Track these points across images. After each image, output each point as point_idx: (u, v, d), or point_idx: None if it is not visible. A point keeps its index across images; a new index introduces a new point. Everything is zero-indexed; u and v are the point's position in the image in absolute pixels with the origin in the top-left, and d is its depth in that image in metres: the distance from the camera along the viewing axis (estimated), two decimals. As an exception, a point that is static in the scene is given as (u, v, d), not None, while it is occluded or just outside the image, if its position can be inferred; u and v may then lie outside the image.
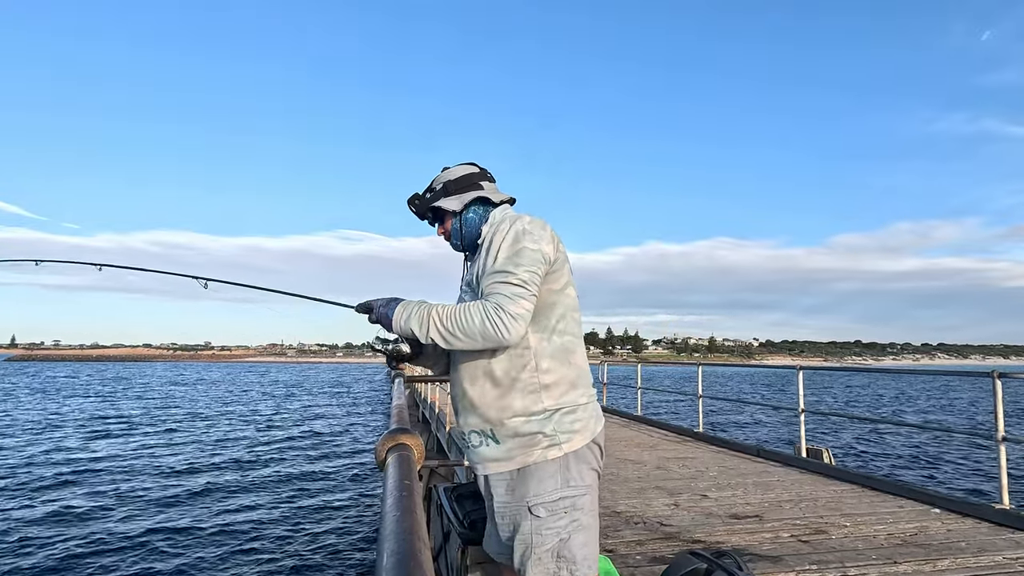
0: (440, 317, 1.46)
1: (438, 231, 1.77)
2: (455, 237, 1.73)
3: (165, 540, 8.37)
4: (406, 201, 1.78)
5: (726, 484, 4.94)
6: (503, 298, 1.43)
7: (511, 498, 1.53)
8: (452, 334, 1.44)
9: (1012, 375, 4.34)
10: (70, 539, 8.36)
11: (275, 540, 8.47)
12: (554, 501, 1.47)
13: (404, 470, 0.95)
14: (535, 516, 1.48)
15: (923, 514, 4.02)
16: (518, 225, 1.54)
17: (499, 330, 1.41)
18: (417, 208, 1.76)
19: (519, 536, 1.50)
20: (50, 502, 10.32)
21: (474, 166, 1.77)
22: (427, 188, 1.77)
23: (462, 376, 1.59)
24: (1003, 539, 3.46)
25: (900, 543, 3.39)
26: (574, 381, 1.56)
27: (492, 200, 1.72)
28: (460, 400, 1.62)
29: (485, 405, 1.54)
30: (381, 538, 0.71)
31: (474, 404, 1.56)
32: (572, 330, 1.59)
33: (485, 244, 1.58)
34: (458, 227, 1.71)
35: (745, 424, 21.54)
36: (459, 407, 1.64)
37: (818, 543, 3.39)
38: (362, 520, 9.51)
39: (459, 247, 1.75)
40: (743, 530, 3.66)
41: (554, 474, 1.49)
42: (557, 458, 1.50)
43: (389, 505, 0.81)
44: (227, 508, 10.08)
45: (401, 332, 1.53)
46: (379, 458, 1.11)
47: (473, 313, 1.43)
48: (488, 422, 1.54)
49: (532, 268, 1.47)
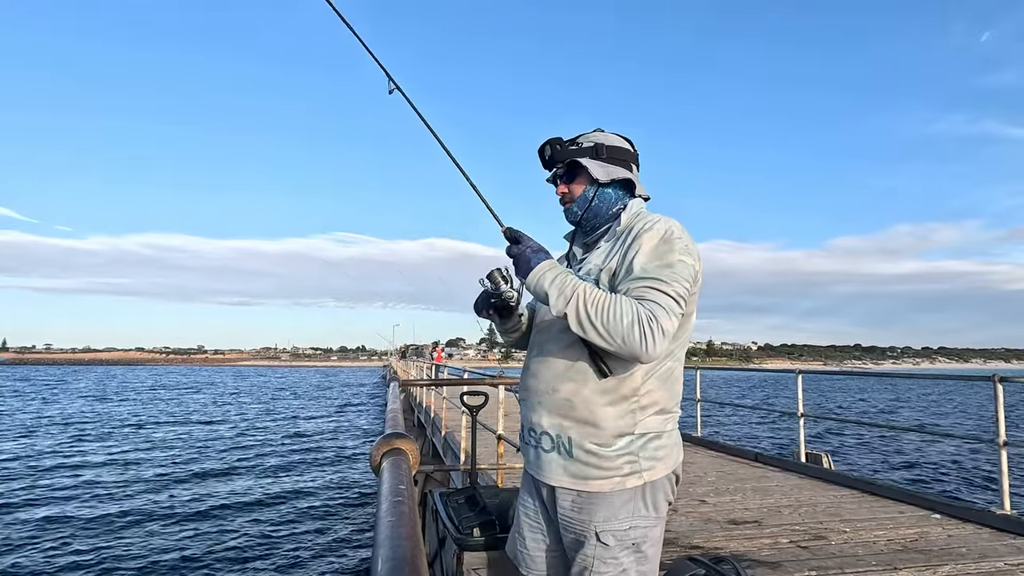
0: (585, 297, 1.28)
1: (559, 189, 1.54)
2: (579, 205, 1.50)
3: (152, 549, 8.32)
4: (545, 142, 1.53)
5: (724, 489, 4.92)
6: (659, 308, 1.25)
7: (577, 516, 1.37)
8: (591, 321, 1.25)
9: (1013, 379, 4.33)
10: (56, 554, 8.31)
11: (268, 546, 8.42)
12: (625, 531, 1.34)
13: (399, 475, 0.94)
14: (602, 543, 1.33)
15: (923, 519, 4.00)
16: (672, 228, 1.36)
17: (646, 341, 1.23)
18: (554, 154, 1.51)
19: (581, 555, 1.36)
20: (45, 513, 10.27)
21: (629, 143, 1.56)
22: (570, 140, 1.53)
23: (557, 368, 1.40)
24: (1004, 545, 3.44)
25: (900, 549, 3.37)
26: (668, 406, 1.40)
27: (634, 188, 1.52)
28: (544, 394, 1.41)
29: (575, 409, 1.36)
30: (376, 544, 0.70)
31: (561, 404, 1.37)
32: (681, 355, 1.45)
33: (628, 236, 1.39)
34: (590, 197, 1.49)
35: (744, 429, 21.51)
36: (536, 400, 1.43)
37: (817, 549, 3.38)
38: (356, 525, 9.47)
39: (577, 218, 1.52)
40: (742, 536, 3.64)
41: (628, 502, 1.35)
42: (636, 487, 1.35)
43: (384, 510, 0.80)
44: (217, 514, 9.99)
45: (531, 285, 1.34)
46: (374, 463, 1.09)
47: (624, 310, 1.24)
48: (570, 428, 1.36)
49: (686, 284, 1.32)
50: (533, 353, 1.50)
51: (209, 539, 8.62)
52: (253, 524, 9.46)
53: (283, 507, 10.53)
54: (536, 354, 1.49)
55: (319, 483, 12.56)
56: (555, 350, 1.42)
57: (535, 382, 1.45)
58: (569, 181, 1.52)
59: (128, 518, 9.66)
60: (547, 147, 1.52)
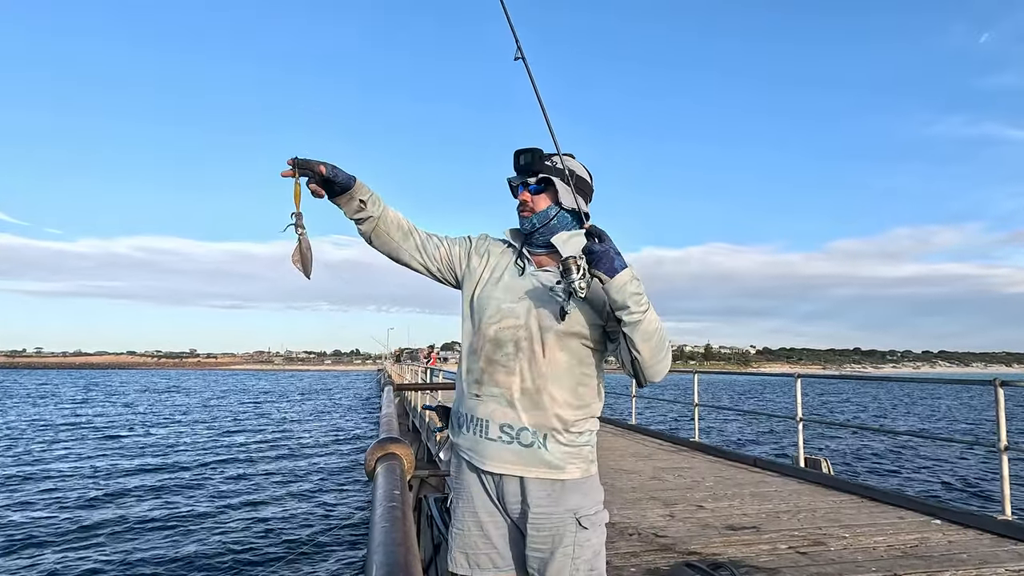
0: (653, 311, 1.40)
1: (521, 195, 1.61)
2: (540, 220, 1.58)
3: (144, 553, 8.26)
4: (525, 150, 1.59)
5: (723, 494, 4.90)
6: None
7: (555, 508, 1.47)
8: (658, 334, 1.40)
9: (1014, 383, 4.31)
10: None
11: (260, 551, 8.33)
12: (594, 515, 1.50)
13: (394, 480, 0.93)
14: (582, 528, 1.47)
15: (924, 525, 3.98)
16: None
17: (665, 370, 1.45)
18: (531, 164, 1.59)
19: (561, 549, 1.46)
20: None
21: (591, 177, 1.68)
22: (546, 155, 1.60)
23: (556, 370, 1.49)
24: (1006, 551, 3.42)
25: (900, 555, 3.35)
26: (600, 407, 1.63)
27: (581, 220, 1.59)
28: (531, 394, 1.48)
29: (561, 407, 1.48)
30: (370, 550, 0.69)
31: (547, 403, 1.47)
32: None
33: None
34: (551, 216, 1.58)
35: (742, 433, 21.49)
36: (523, 401, 1.49)
37: (816, 555, 3.35)
38: (350, 531, 9.39)
39: (533, 230, 1.60)
40: (740, 542, 3.61)
41: (596, 488, 1.54)
42: (595, 473, 1.56)
43: (378, 516, 0.80)
44: (203, 521, 9.81)
45: (616, 285, 1.35)
46: (368, 468, 1.08)
47: (667, 340, 1.44)
48: (553, 425, 1.47)
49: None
50: (507, 350, 1.51)
51: (195, 547, 8.49)
52: (243, 531, 9.33)
53: (275, 513, 10.40)
54: (528, 354, 1.50)
55: (311, 489, 12.44)
56: (562, 350, 1.49)
57: (520, 380, 1.49)
58: (534, 193, 1.60)
59: (125, 524, 9.60)
60: (526, 155, 1.58)
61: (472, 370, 1.56)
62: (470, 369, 1.57)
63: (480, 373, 1.53)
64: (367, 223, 1.57)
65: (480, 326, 1.56)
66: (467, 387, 1.56)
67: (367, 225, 1.58)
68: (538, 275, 1.56)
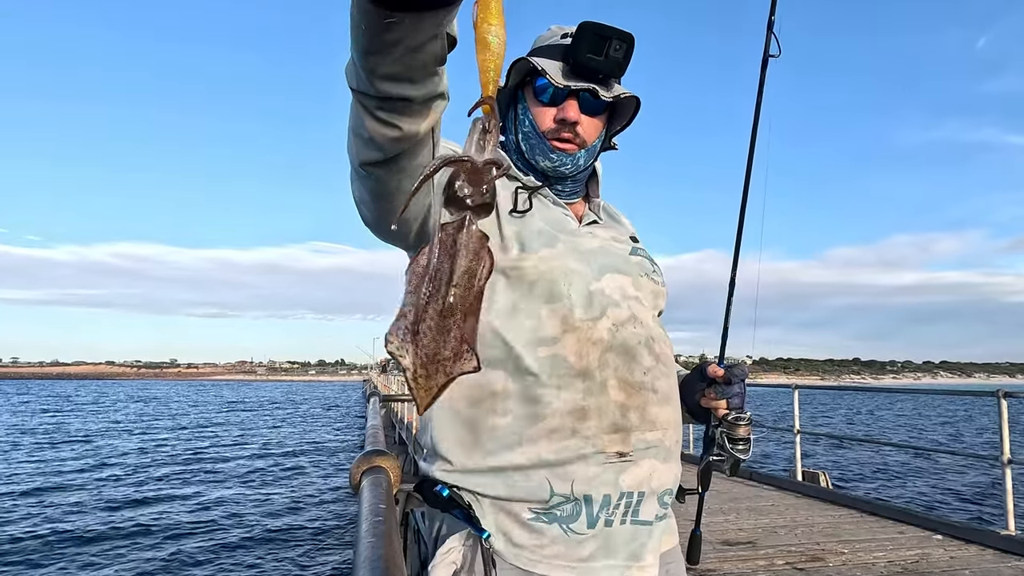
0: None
1: (571, 110, 0.96)
2: (586, 158, 1.01)
3: (123, 566, 8.10)
4: (615, 30, 0.92)
5: (718, 509, 4.85)
6: None
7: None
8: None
9: (1018, 394, 4.29)
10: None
11: (241, 568, 8.19)
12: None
13: (380, 494, 0.90)
14: None
15: (925, 540, 3.94)
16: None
17: None
18: (625, 63, 0.96)
19: None
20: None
21: None
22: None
23: (678, 416, 0.99)
24: (1009, 567, 3.38)
25: (901, 571, 3.31)
26: None
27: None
28: (675, 438, 0.96)
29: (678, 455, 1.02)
30: (356, 566, 0.66)
31: (674, 452, 0.97)
32: None
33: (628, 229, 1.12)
34: (596, 150, 1.04)
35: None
36: (668, 445, 0.94)
37: (815, 571, 3.32)
38: (335, 547, 9.22)
39: (577, 172, 1.01)
40: (736, 557, 3.58)
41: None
42: None
43: (364, 531, 0.77)
44: (184, 537, 9.58)
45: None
46: (353, 481, 1.05)
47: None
48: (678, 480, 0.99)
49: None
50: (645, 363, 0.92)
51: (176, 564, 8.33)
52: (224, 546, 9.11)
53: (257, 528, 10.15)
54: (653, 365, 0.93)
55: (295, 503, 12.19)
56: (669, 357, 1.01)
57: (670, 413, 0.95)
58: (594, 114, 0.99)
59: (96, 534, 9.45)
60: (620, 42, 0.94)
61: (587, 409, 0.86)
62: (574, 405, 0.86)
63: (615, 410, 0.87)
64: (424, 114, 0.67)
65: (573, 321, 0.88)
66: (576, 440, 0.85)
67: (421, 121, 0.68)
68: (595, 232, 1.02)
